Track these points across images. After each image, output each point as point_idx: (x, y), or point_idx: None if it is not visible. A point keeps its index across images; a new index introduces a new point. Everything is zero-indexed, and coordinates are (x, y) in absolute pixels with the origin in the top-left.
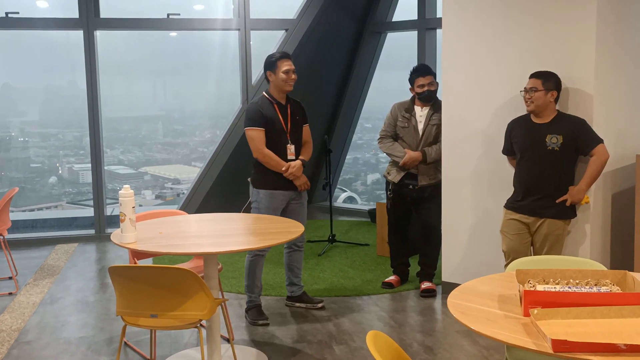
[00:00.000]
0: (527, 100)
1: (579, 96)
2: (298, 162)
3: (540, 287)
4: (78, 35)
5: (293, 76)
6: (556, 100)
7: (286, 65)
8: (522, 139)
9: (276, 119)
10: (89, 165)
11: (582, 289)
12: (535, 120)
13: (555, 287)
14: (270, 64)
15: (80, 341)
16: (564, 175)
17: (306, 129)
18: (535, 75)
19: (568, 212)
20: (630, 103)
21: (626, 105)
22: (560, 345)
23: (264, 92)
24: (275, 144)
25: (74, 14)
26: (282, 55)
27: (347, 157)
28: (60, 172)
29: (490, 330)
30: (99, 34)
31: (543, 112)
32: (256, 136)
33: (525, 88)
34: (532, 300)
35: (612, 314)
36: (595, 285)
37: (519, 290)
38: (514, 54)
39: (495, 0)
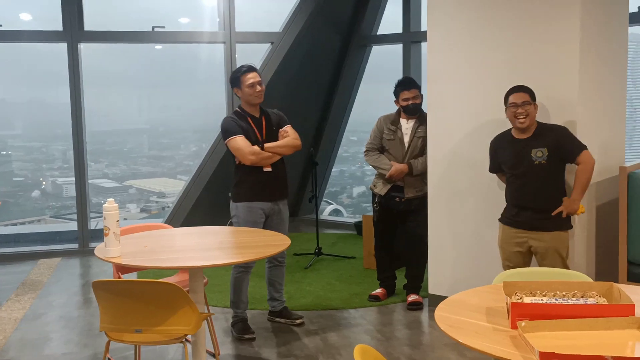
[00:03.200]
0: (520, 115)
1: (564, 111)
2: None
3: (527, 300)
4: (62, 48)
5: (259, 88)
6: None
7: (250, 79)
8: (508, 157)
9: (250, 131)
10: (73, 178)
11: (569, 300)
12: (517, 135)
13: (542, 299)
14: (235, 80)
15: (64, 358)
16: (555, 186)
17: (289, 127)
18: (522, 89)
19: (566, 224)
20: (613, 117)
21: (609, 119)
22: (548, 358)
23: (237, 108)
24: None
25: (58, 26)
26: (246, 70)
27: (333, 170)
28: (43, 186)
29: (478, 343)
30: (83, 47)
31: (530, 126)
32: (242, 143)
33: (514, 103)
34: (520, 313)
35: (599, 325)
36: (582, 297)
37: (507, 303)
38: (499, 67)
39: (480, 14)
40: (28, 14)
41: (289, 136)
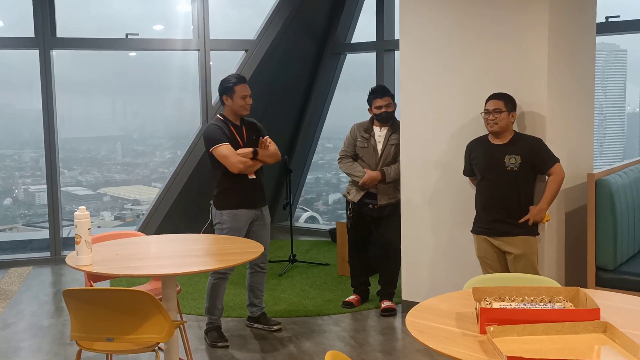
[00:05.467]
0: (491, 122)
1: (533, 117)
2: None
3: (496, 305)
4: (34, 54)
5: (250, 101)
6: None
7: (244, 91)
8: (481, 161)
9: (233, 139)
10: (46, 186)
11: (537, 305)
12: (493, 141)
13: (511, 305)
14: (227, 88)
15: None
16: (524, 194)
17: (269, 138)
18: (496, 97)
19: (533, 230)
20: (580, 125)
21: (576, 127)
22: None
23: (218, 115)
24: None
25: (30, 33)
26: (239, 80)
27: (308, 177)
28: (15, 193)
29: (447, 349)
30: (55, 54)
31: (504, 132)
32: (229, 151)
33: (487, 109)
34: (489, 318)
35: (565, 330)
36: (550, 302)
37: (476, 308)
38: (471, 75)
39: (451, 23)
40: None
41: (271, 145)
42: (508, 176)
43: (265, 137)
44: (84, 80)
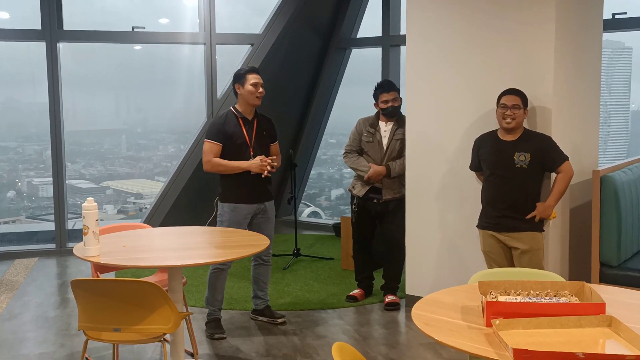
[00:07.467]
0: (508, 117)
1: (539, 113)
2: (258, 158)
3: (502, 298)
4: (40, 47)
5: (260, 90)
6: None
7: (254, 79)
8: (490, 157)
9: (238, 133)
10: (49, 179)
11: (542, 299)
12: (503, 137)
13: (516, 298)
14: (239, 76)
15: (40, 357)
16: (532, 191)
17: (275, 146)
18: (514, 92)
19: (539, 226)
20: (585, 121)
21: (581, 123)
22: (521, 355)
23: (231, 107)
24: (237, 159)
25: (37, 25)
26: (252, 69)
27: (312, 172)
28: (19, 186)
29: (453, 341)
30: (61, 46)
31: (516, 129)
32: (207, 149)
33: (504, 104)
34: (494, 311)
35: (570, 323)
36: (555, 296)
37: (482, 302)
38: (476, 70)
39: (457, 18)
40: (5, 12)
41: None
42: (517, 173)
43: (270, 157)
44: (89, 74)
